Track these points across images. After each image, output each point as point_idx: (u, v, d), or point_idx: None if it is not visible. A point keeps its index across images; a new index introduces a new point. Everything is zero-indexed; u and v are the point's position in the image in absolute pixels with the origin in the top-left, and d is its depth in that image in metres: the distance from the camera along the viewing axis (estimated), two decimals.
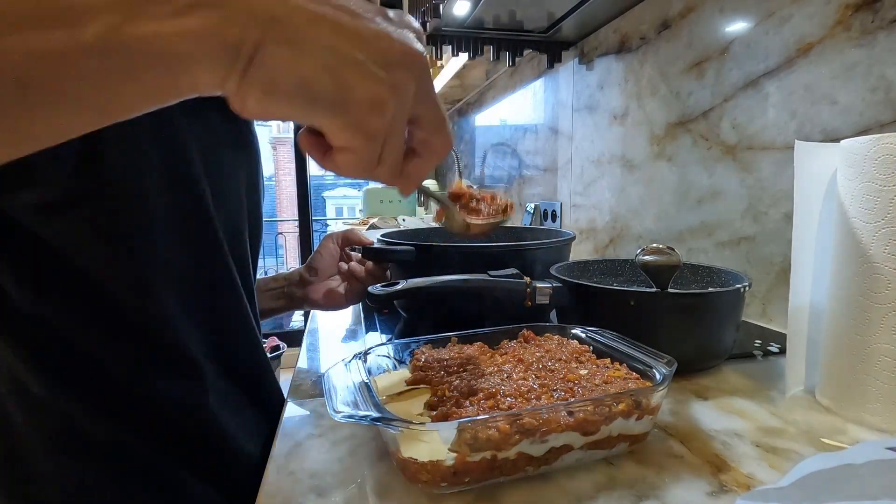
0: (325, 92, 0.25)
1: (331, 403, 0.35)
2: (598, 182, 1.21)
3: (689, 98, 0.89)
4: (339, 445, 0.40)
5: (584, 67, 1.25)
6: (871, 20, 0.58)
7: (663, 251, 0.52)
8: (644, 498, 0.33)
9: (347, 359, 0.42)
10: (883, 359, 0.41)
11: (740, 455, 0.38)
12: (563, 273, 0.62)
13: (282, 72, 0.25)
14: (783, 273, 0.70)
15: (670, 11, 0.92)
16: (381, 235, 0.78)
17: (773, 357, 0.59)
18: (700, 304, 0.52)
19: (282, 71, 0.25)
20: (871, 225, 0.41)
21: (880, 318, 0.41)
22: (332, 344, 0.70)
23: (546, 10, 1.08)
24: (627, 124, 1.08)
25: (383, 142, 0.28)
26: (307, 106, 0.26)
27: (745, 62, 0.76)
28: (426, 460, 0.32)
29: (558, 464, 0.35)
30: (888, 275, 0.41)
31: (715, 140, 0.83)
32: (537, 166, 1.59)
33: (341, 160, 0.28)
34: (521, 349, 0.47)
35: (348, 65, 0.25)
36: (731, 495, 0.33)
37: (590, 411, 0.35)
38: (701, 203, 0.87)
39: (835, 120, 0.63)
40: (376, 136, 0.27)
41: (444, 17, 1.10)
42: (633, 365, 0.42)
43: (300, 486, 0.35)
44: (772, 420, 0.44)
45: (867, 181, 0.41)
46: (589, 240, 1.25)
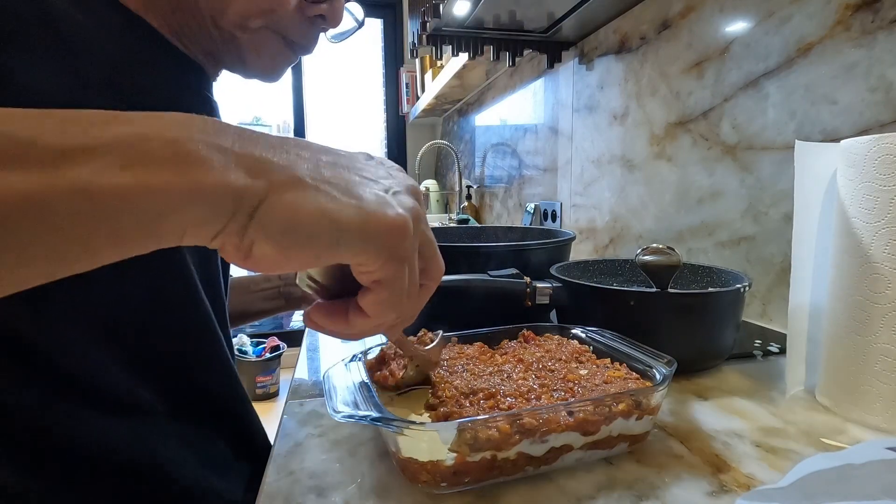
0: (351, 221, 0.24)
1: (331, 403, 0.35)
2: (598, 182, 1.21)
3: (689, 98, 0.89)
4: (339, 445, 0.40)
5: (584, 67, 1.25)
6: (871, 20, 0.58)
7: (663, 251, 0.52)
8: (644, 498, 0.33)
9: (347, 359, 0.42)
10: (883, 359, 0.41)
11: (740, 455, 0.38)
12: (563, 273, 0.62)
13: (299, 210, 0.23)
14: (783, 273, 0.70)
15: (670, 11, 0.92)
16: None
17: (773, 357, 0.59)
18: (700, 304, 0.52)
19: (299, 209, 0.23)
20: (871, 225, 0.41)
21: (880, 318, 0.41)
22: (332, 344, 0.70)
23: (546, 10, 1.08)
24: (627, 124, 1.08)
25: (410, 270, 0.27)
26: (333, 240, 0.24)
27: (745, 62, 0.76)
28: (426, 460, 0.32)
29: (558, 464, 0.35)
30: (888, 275, 0.41)
31: (715, 140, 0.83)
32: (537, 166, 1.59)
33: (373, 300, 0.27)
34: (521, 349, 0.47)
35: (366, 194, 0.25)
36: (731, 495, 0.33)
37: (590, 411, 0.35)
38: (701, 203, 0.87)
39: (835, 120, 0.63)
40: (405, 259, 0.26)
41: (444, 17, 1.10)
42: (633, 365, 0.42)
43: (300, 486, 0.35)
44: (772, 420, 0.44)
45: (867, 181, 0.41)
46: (589, 240, 1.25)
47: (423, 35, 1.21)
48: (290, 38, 0.50)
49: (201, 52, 0.51)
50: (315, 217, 0.24)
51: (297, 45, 0.51)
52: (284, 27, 0.49)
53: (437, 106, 2.46)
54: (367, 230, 0.25)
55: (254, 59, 0.51)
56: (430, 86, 2.20)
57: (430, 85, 2.18)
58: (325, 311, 0.29)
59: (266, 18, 0.48)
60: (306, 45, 0.52)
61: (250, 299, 0.75)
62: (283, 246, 0.24)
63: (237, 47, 0.49)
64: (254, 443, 0.56)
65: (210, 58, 0.52)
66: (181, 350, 0.47)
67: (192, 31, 0.48)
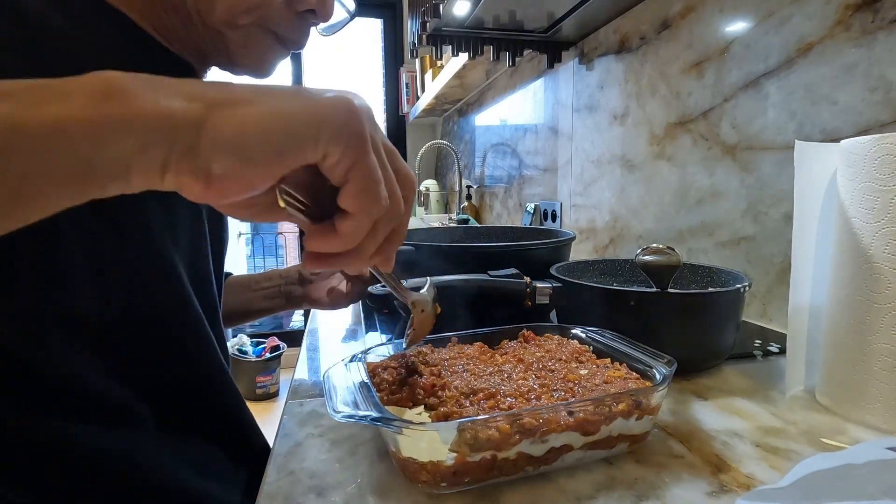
0: (299, 112, 0.24)
1: (331, 403, 0.35)
2: (598, 182, 1.21)
3: (689, 98, 0.89)
4: (339, 445, 0.40)
5: (584, 67, 1.25)
6: (871, 20, 0.58)
7: (663, 251, 0.52)
8: (644, 498, 0.33)
9: (347, 359, 0.42)
10: (883, 359, 0.41)
11: (740, 455, 0.38)
12: (563, 273, 0.62)
13: (247, 116, 0.23)
14: (783, 273, 0.70)
15: (670, 11, 0.92)
16: None
17: (773, 357, 0.59)
18: (700, 304, 0.52)
19: (246, 116, 0.23)
20: (871, 225, 0.41)
21: (880, 318, 0.41)
22: (332, 344, 0.70)
23: (546, 10, 1.08)
24: (627, 124, 1.08)
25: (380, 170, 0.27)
26: (289, 136, 0.24)
27: (745, 62, 0.76)
28: (426, 460, 0.32)
29: (558, 464, 0.35)
30: (888, 275, 0.41)
31: (715, 140, 0.83)
32: (537, 166, 1.59)
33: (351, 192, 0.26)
34: (521, 349, 0.47)
35: (310, 91, 0.26)
36: (731, 495, 0.33)
37: (590, 411, 0.35)
38: (701, 203, 0.87)
39: (835, 120, 0.63)
40: (365, 139, 0.26)
41: (444, 17, 1.10)
42: (633, 365, 0.42)
43: (300, 486, 0.35)
44: (772, 420, 0.44)
45: (867, 181, 0.41)
46: (589, 240, 1.25)
47: (423, 35, 1.21)
48: (279, 34, 0.49)
49: (188, 50, 0.50)
50: (265, 119, 0.23)
51: (287, 40, 0.50)
52: (273, 23, 0.48)
53: (437, 106, 2.46)
54: (319, 115, 0.24)
55: (243, 56, 0.50)
56: (430, 86, 2.20)
57: (430, 85, 2.18)
58: (317, 237, 0.28)
59: (254, 15, 0.46)
60: (297, 40, 0.51)
61: (251, 298, 0.75)
62: (242, 155, 0.23)
63: (225, 44, 0.48)
64: (250, 446, 0.55)
65: (197, 55, 0.50)
66: (170, 353, 0.46)
67: (177, 28, 0.47)
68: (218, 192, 0.23)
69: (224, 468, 0.51)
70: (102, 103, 0.21)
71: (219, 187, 0.23)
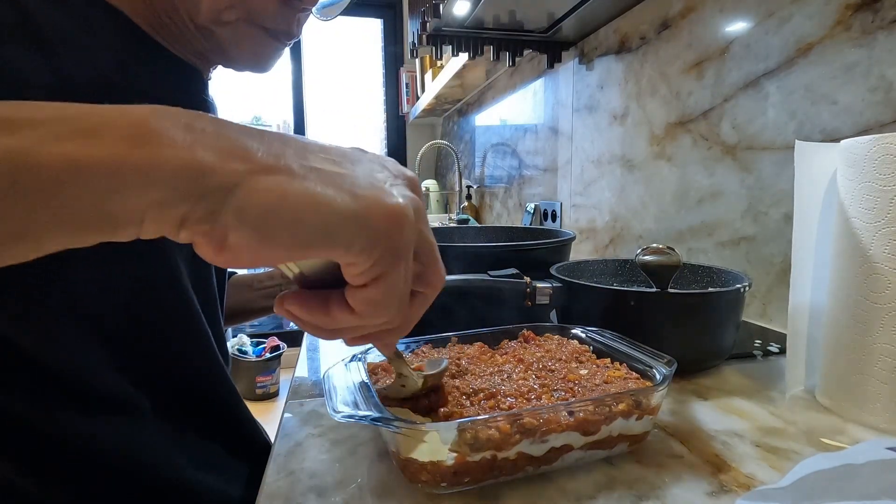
0: (344, 206, 0.21)
1: (331, 403, 0.35)
2: (598, 182, 1.21)
3: (689, 98, 0.89)
4: (339, 445, 0.40)
5: (584, 67, 1.25)
6: (871, 20, 0.58)
7: (663, 251, 0.52)
8: (644, 498, 0.33)
9: (347, 359, 0.42)
10: (883, 359, 0.41)
11: (740, 455, 0.38)
12: (563, 273, 0.62)
13: (283, 194, 0.21)
14: (783, 273, 0.70)
15: (670, 11, 0.92)
16: None
17: (773, 357, 0.59)
18: (700, 304, 0.52)
19: (282, 193, 0.21)
20: (871, 225, 0.41)
21: (880, 318, 0.41)
22: (332, 344, 0.70)
23: (546, 10, 1.08)
24: (627, 124, 1.08)
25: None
26: (322, 228, 0.21)
27: (745, 62, 0.76)
28: (426, 460, 0.32)
29: (558, 464, 0.35)
30: (888, 275, 0.41)
31: (715, 140, 0.83)
32: (537, 166, 1.59)
33: (363, 298, 0.24)
34: (521, 349, 0.47)
35: (361, 182, 0.23)
36: (731, 495, 0.33)
37: (590, 411, 0.35)
38: (701, 203, 0.87)
39: (835, 120, 0.63)
40: (402, 255, 0.23)
41: (444, 17, 1.10)
42: (633, 365, 0.42)
43: (300, 486, 0.35)
44: (772, 420, 0.44)
45: (867, 181, 0.41)
46: (589, 240, 1.25)
47: (423, 35, 1.21)
48: (268, 27, 0.48)
49: (188, 50, 0.49)
50: (303, 201, 0.21)
51: (277, 32, 0.49)
52: (259, 17, 0.47)
53: (437, 106, 2.46)
54: (362, 218, 0.22)
55: (237, 53, 0.49)
56: (430, 86, 2.20)
57: (430, 85, 2.18)
58: (302, 300, 0.26)
59: (239, 10, 0.46)
60: (288, 30, 0.50)
61: (252, 297, 0.76)
62: (264, 235, 0.21)
63: (217, 42, 0.48)
64: (248, 440, 0.55)
65: (198, 56, 0.50)
66: (166, 347, 0.46)
67: (174, 29, 0.47)
68: (228, 261, 0.22)
69: (223, 462, 0.52)
70: (131, 148, 0.19)
71: (230, 257, 0.21)
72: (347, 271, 0.23)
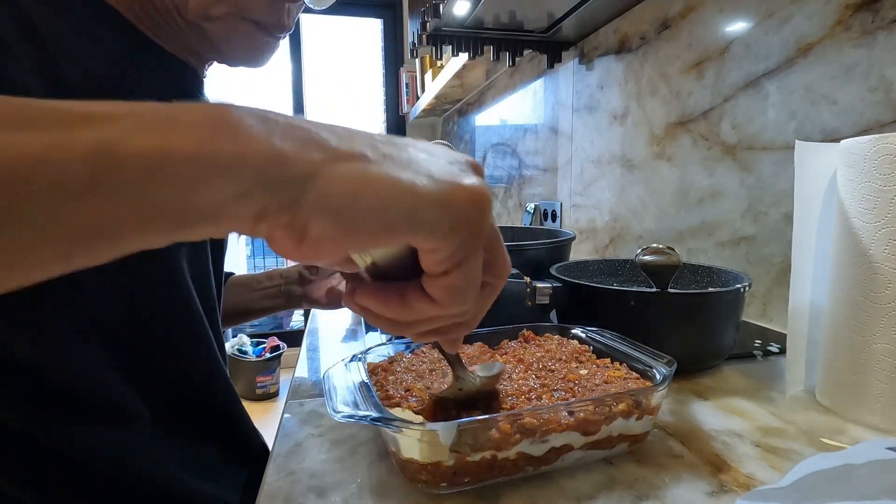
0: (428, 190, 0.21)
1: (331, 403, 0.35)
2: (598, 182, 1.21)
3: (689, 98, 0.89)
4: (339, 445, 0.40)
5: (584, 67, 1.25)
6: (871, 20, 0.58)
7: (663, 251, 0.52)
8: (644, 498, 0.33)
9: (347, 359, 0.42)
10: (883, 359, 0.41)
11: (740, 455, 0.38)
12: (563, 273, 0.62)
13: (363, 180, 0.20)
14: (783, 273, 0.70)
15: (670, 11, 0.92)
16: None
17: (773, 357, 0.59)
18: (700, 304, 0.52)
19: (363, 179, 0.20)
20: (871, 225, 0.41)
21: (880, 318, 0.41)
22: (332, 344, 0.70)
23: (546, 10, 1.08)
24: (627, 124, 1.08)
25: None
26: (406, 214, 0.21)
27: (745, 62, 0.76)
28: (426, 460, 0.32)
29: (558, 464, 0.35)
30: (888, 275, 0.41)
31: (715, 140, 0.83)
32: (537, 166, 1.59)
33: (444, 285, 0.23)
34: (521, 349, 0.47)
35: (435, 167, 0.22)
36: (731, 495, 0.33)
37: (590, 411, 0.35)
38: (701, 203, 0.87)
39: (835, 120, 0.63)
40: (482, 240, 0.23)
41: (444, 17, 1.10)
42: (633, 365, 0.42)
43: (300, 486, 0.35)
44: (772, 420, 0.44)
45: (867, 181, 0.41)
46: (589, 240, 1.25)
47: (423, 35, 1.21)
48: (258, 21, 0.47)
49: (181, 48, 0.49)
50: (385, 186, 0.20)
51: (268, 24, 0.48)
52: (249, 11, 0.46)
53: (437, 106, 2.46)
54: (444, 201, 0.21)
55: (228, 48, 0.49)
56: (430, 86, 2.20)
57: (430, 85, 2.17)
58: (376, 292, 0.25)
59: (227, 4, 0.45)
60: (278, 23, 0.49)
61: (252, 298, 0.76)
62: (346, 222, 0.20)
63: (208, 38, 0.47)
64: (246, 446, 0.55)
65: (190, 52, 0.50)
66: (166, 348, 0.46)
67: (164, 26, 0.47)
68: (309, 253, 0.21)
69: (221, 468, 0.51)
70: (212, 139, 0.19)
71: (311, 249, 0.21)
72: (428, 258, 0.23)
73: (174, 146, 0.18)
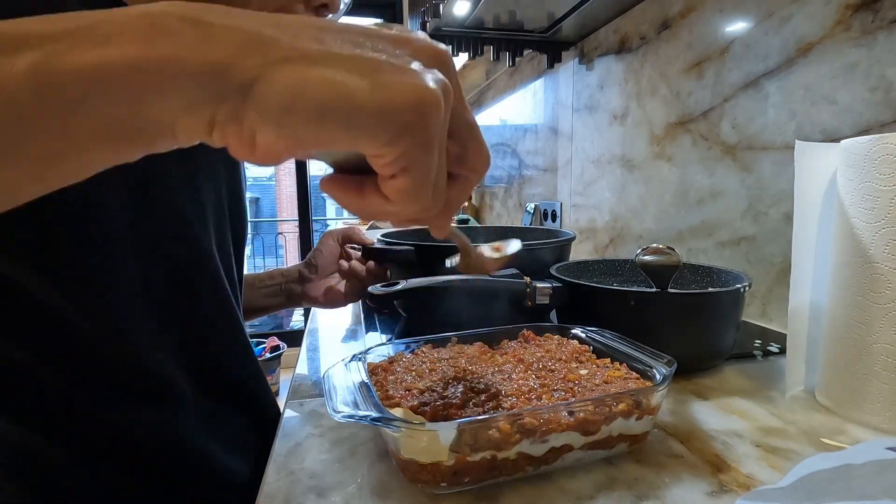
0: (364, 96, 0.20)
1: (331, 403, 0.35)
2: (598, 182, 1.21)
3: (689, 98, 0.89)
4: (339, 445, 0.40)
5: (584, 67, 1.25)
6: (871, 20, 0.58)
7: (663, 251, 0.52)
8: (644, 498, 0.33)
9: (347, 359, 0.42)
10: (883, 359, 0.41)
11: (740, 455, 0.38)
12: (563, 273, 0.62)
13: (301, 86, 0.20)
14: (783, 273, 0.70)
15: (670, 11, 0.92)
16: (381, 235, 0.78)
17: (773, 357, 0.59)
18: (700, 304, 0.52)
19: (300, 85, 0.20)
20: (871, 225, 0.41)
21: (880, 318, 0.41)
22: (332, 344, 0.70)
23: (546, 10, 1.08)
24: (627, 124, 1.08)
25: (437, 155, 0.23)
26: (345, 121, 0.20)
27: (745, 62, 0.76)
28: (426, 460, 0.32)
29: (558, 464, 0.35)
30: (888, 275, 0.41)
31: (715, 140, 0.83)
32: (537, 166, 1.59)
33: (393, 187, 0.23)
34: (521, 349, 0.47)
35: (384, 63, 0.21)
36: (731, 495, 0.33)
37: (590, 411, 0.35)
38: (701, 203, 0.87)
39: (835, 120, 0.63)
40: (432, 142, 0.22)
41: (444, 17, 1.10)
42: (633, 365, 0.42)
43: (300, 486, 0.35)
44: (772, 420, 0.44)
45: (867, 181, 0.41)
46: (589, 240, 1.25)
47: None
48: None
49: None
50: (322, 94, 0.20)
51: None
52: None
53: None
54: (384, 109, 0.20)
55: None
56: None
57: None
58: (338, 183, 0.25)
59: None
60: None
61: (254, 296, 0.76)
62: (288, 133, 0.20)
63: None
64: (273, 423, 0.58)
65: None
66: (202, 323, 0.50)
67: None
68: (262, 158, 0.21)
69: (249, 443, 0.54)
70: (148, 49, 0.19)
71: (263, 155, 0.21)
72: (374, 162, 0.22)
73: (111, 60, 0.18)
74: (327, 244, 0.75)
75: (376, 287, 0.54)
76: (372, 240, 0.74)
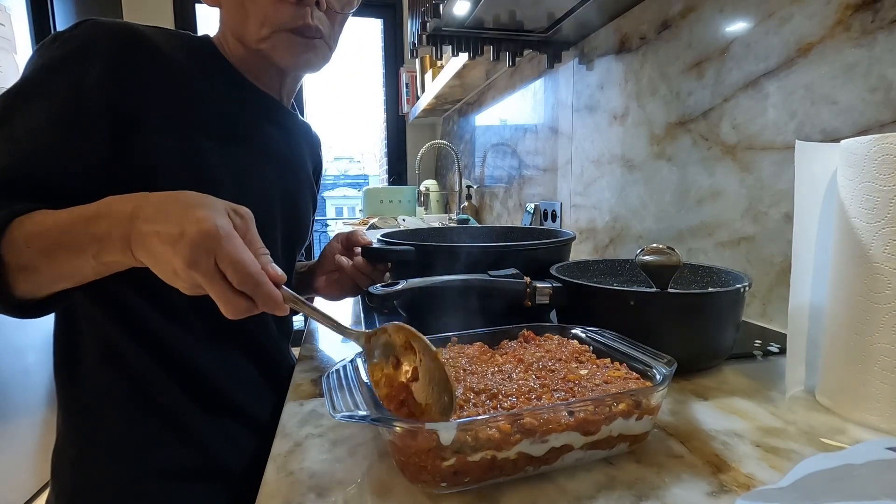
0: (164, 253, 0.39)
1: (331, 403, 0.35)
2: (598, 182, 1.21)
3: (689, 98, 0.89)
4: (339, 445, 0.40)
5: (584, 67, 1.25)
6: (871, 20, 0.58)
7: (663, 251, 0.52)
8: (644, 498, 0.33)
9: (347, 359, 0.42)
10: (883, 359, 0.41)
11: (740, 455, 0.38)
12: (563, 273, 0.62)
13: (141, 237, 0.40)
14: (783, 273, 0.70)
15: (670, 11, 0.92)
16: (380, 235, 0.78)
17: (773, 357, 0.59)
18: (700, 304, 0.52)
19: (141, 236, 0.40)
20: (871, 225, 0.41)
21: (880, 318, 0.41)
22: (332, 344, 0.70)
23: (546, 10, 1.08)
24: (627, 124, 1.08)
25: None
26: (156, 264, 0.40)
27: (745, 62, 0.76)
28: (426, 461, 0.32)
29: (558, 464, 0.35)
30: (888, 275, 0.41)
31: (715, 140, 0.83)
32: (537, 166, 1.59)
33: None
34: (521, 349, 0.47)
35: (176, 237, 0.38)
36: (731, 495, 0.33)
37: (590, 411, 0.35)
38: (701, 203, 0.87)
39: (835, 120, 0.63)
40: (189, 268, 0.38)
41: (444, 17, 1.10)
42: (633, 365, 0.42)
43: (300, 486, 0.35)
44: (772, 420, 0.44)
45: (867, 181, 0.41)
46: (589, 240, 1.25)
47: (423, 35, 1.21)
48: (292, 28, 0.58)
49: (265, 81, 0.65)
50: (149, 238, 0.40)
51: (302, 28, 0.58)
52: (283, 22, 0.58)
53: (437, 106, 2.46)
54: (174, 248, 0.39)
55: (280, 59, 0.60)
56: (430, 86, 2.20)
57: (430, 85, 2.17)
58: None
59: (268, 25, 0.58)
60: (304, 25, 0.58)
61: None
62: (148, 256, 0.40)
63: (268, 57, 0.60)
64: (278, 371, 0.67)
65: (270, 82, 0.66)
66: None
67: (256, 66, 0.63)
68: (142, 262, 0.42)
69: (255, 384, 0.63)
70: (115, 227, 0.42)
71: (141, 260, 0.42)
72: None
73: (109, 232, 0.42)
74: (331, 244, 0.76)
75: (376, 287, 0.54)
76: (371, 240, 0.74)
